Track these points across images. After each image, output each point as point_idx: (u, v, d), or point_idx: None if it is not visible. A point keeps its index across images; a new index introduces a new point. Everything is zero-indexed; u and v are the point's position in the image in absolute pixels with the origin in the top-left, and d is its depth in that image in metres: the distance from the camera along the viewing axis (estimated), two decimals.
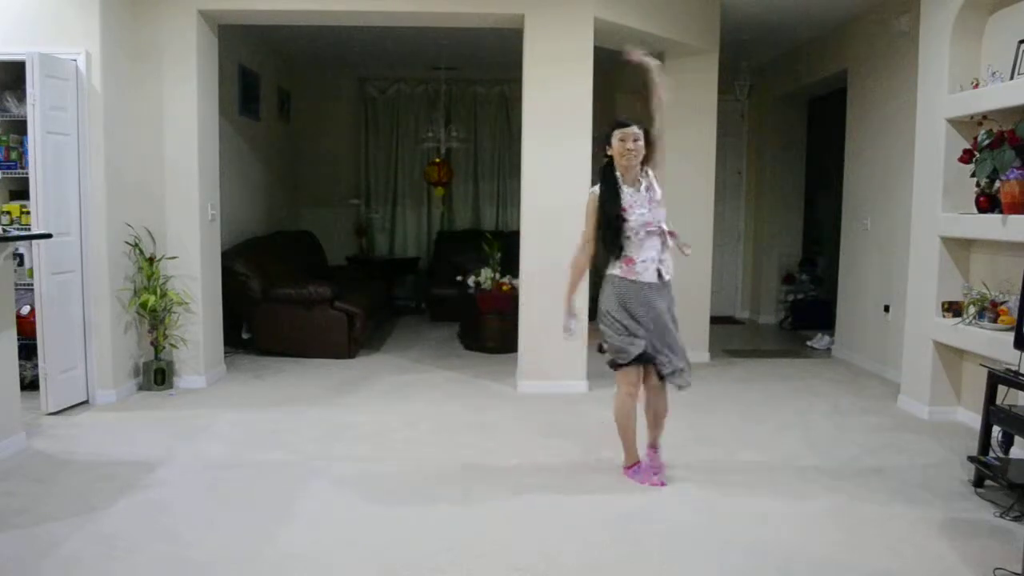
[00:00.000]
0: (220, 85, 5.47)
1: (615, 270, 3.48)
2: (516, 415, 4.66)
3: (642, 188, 3.48)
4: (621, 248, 3.44)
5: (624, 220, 3.41)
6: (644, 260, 3.44)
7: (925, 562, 2.79)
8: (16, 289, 4.12)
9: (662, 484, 3.53)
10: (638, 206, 3.43)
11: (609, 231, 3.45)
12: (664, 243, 3.50)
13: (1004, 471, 3.33)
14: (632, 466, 3.63)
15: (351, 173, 9.00)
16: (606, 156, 3.51)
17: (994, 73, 4.10)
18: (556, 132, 5.11)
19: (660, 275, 3.47)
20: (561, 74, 5.09)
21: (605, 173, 3.51)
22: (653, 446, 3.70)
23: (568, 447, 4.07)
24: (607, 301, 3.51)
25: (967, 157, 4.20)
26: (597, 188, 3.52)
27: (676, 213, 6.01)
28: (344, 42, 7.36)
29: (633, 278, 3.44)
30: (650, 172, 3.53)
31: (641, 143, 3.44)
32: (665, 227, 3.50)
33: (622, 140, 3.43)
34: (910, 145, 4.96)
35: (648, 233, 3.44)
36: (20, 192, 4.74)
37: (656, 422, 3.69)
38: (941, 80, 4.47)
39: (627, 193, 3.45)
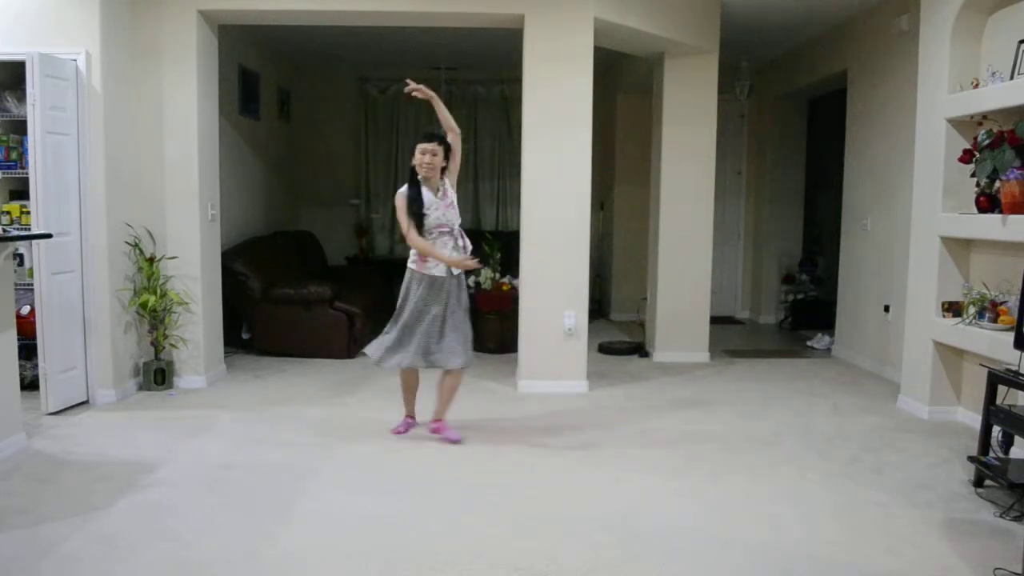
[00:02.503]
0: (220, 85, 5.47)
1: (413, 264, 4.02)
2: (516, 415, 4.66)
3: (439, 194, 4.00)
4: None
5: (424, 217, 3.95)
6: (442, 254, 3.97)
7: (925, 562, 2.79)
8: (16, 289, 4.12)
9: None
10: (434, 208, 3.97)
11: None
12: (456, 243, 4.03)
13: (1004, 471, 3.33)
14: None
15: (351, 173, 9.00)
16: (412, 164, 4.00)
17: (994, 73, 4.09)
18: (556, 132, 5.11)
19: (450, 270, 4.00)
20: (561, 74, 5.09)
21: (411, 178, 4.01)
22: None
23: (568, 447, 4.07)
24: (403, 291, 4.05)
25: (967, 157, 4.20)
26: (404, 188, 4.00)
27: (677, 213, 6.11)
28: (344, 42, 7.36)
29: (424, 271, 3.98)
30: (447, 180, 4.05)
31: (439, 156, 3.98)
32: (457, 228, 4.05)
33: (422, 153, 3.96)
34: (910, 145, 4.96)
35: (440, 232, 3.98)
36: (20, 192, 4.74)
37: (442, 398, 4.18)
38: (941, 80, 4.47)
39: (427, 196, 3.97)
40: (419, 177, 3.98)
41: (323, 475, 3.60)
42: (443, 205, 4.00)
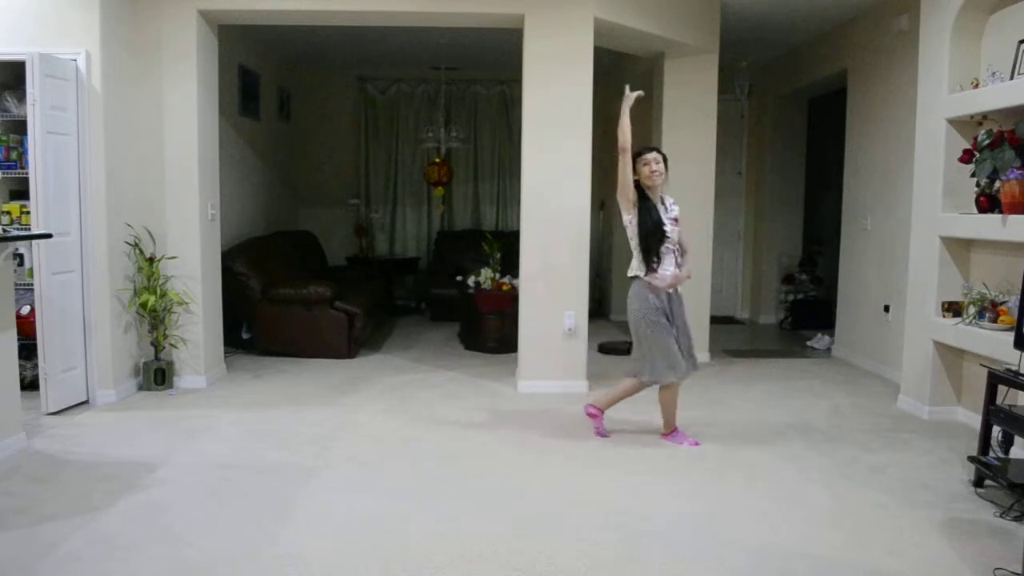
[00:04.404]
0: (220, 85, 5.47)
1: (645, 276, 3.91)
2: (516, 415, 4.66)
3: (664, 208, 3.94)
4: (657, 259, 3.90)
5: (666, 234, 3.88)
6: (665, 271, 3.91)
7: (925, 562, 2.79)
8: (16, 289, 4.12)
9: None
10: (668, 224, 3.91)
11: (652, 240, 3.87)
12: (675, 261, 3.96)
13: (1004, 471, 3.33)
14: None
15: (351, 173, 9.01)
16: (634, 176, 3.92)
17: (994, 73, 4.10)
18: (556, 132, 5.11)
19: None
20: (561, 74, 5.09)
21: (640, 192, 3.92)
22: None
23: (568, 447, 4.07)
24: (642, 306, 3.91)
25: (967, 157, 4.20)
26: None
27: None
28: (344, 42, 7.36)
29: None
30: (666, 196, 4.00)
31: (662, 166, 3.91)
32: (678, 246, 3.96)
33: (645, 164, 3.89)
34: (910, 145, 4.96)
35: (667, 249, 3.91)
36: (20, 192, 4.74)
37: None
38: (941, 80, 4.47)
39: (660, 211, 3.91)
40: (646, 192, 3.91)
41: (323, 475, 3.60)
42: (670, 219, 3.93)
